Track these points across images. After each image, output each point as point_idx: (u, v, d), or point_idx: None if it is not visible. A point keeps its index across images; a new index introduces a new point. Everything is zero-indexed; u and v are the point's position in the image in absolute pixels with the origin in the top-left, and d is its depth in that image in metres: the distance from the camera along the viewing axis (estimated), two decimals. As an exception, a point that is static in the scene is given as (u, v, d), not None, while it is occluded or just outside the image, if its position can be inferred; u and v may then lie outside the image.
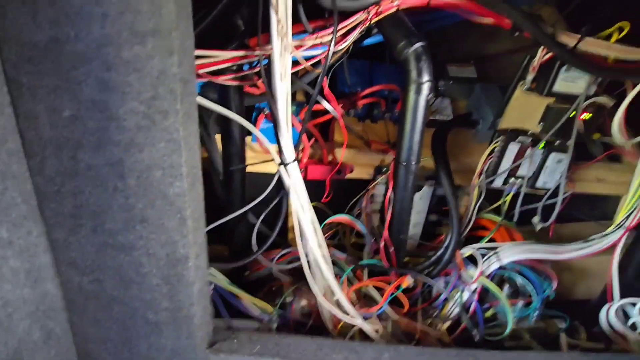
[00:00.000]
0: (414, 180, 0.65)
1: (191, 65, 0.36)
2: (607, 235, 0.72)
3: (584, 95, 0.69)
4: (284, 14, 0.47)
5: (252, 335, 0.54)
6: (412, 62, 0.57)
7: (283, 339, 0.56)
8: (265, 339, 0.54)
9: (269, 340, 0.55)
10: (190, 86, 0.36)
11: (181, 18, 0.33)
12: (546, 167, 0.80)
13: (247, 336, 0.52)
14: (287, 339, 0.55)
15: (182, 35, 0.33)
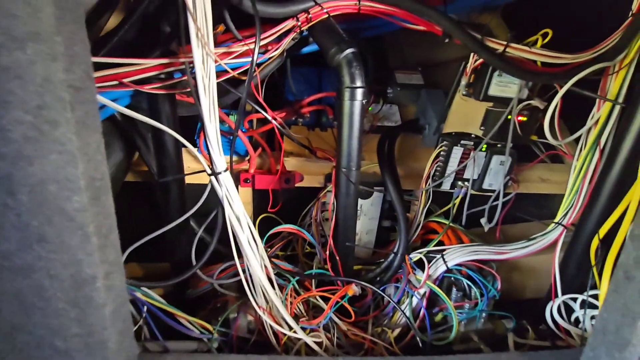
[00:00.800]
0: (355, 186, 0.64)
1: (86, 71, 0.34)
2: (547, 233, 0.74)
3: (516, 98, 0.71)
4: (203, 21, 0.46)
5: (187, 357, 0.51)
6: (344, 68, 0.57)
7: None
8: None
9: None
10: (86, 93, 0.34)
11: (65, 22, 0.31)
12: (490, 169, 0.82)
13: (179, 359, 0.49)
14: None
15: (69, 40, 0.32)
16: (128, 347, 0.44)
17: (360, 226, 0.86)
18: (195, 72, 0.48)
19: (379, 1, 0.59)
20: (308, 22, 0.57)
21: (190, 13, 0.45)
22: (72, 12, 0.32)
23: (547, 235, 0.74)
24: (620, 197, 0.62)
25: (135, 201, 0.75)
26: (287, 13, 0.55)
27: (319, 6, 0.57)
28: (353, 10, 0.60)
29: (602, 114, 0.71)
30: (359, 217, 0.85)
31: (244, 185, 0.77)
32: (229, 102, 0.69)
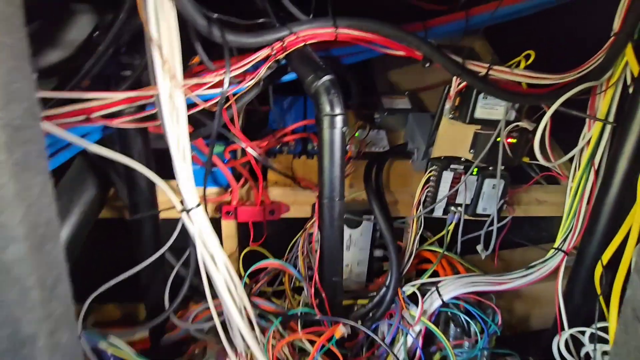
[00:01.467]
0: (339, 217, 0.61)
1: (28, 109, 0.31)
2: (547, 260, 0.70)
3: (503, 120, 0.69)
4: (170, 52, 0.45)
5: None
6: (322, 95, 0.55)
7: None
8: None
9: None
10: (28, 133, 0.32)
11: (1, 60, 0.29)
12: (483, 193, 0.79)
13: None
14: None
15: (6, 77, 0.29)
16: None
17: (350, 257, 0.82)
18: (163, 106, 0.45)
19: (357, 28, 0.58)
20: (284, 51, 0.56)
21: (156, 45, 0.43)
22: (10, 48, 0.29)
23: (547, 262, 0.70)
24: (621, 219, 0.58)
25: (112, 238, 0.72)
26: (260, 42, 0.54)
27: (294, 35, 0.56)
28: (330, 38, 0.58)
29: (593, 133, 0.68)
30: (348, 247, 0.81)
31: (226, 218, 0.73)
32: (207, 133, 0.67)
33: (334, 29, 0.57)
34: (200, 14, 0.46)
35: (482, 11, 0.75)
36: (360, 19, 0.58)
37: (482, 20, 0.76)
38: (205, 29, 0.47)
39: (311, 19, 0.58)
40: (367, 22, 0.58)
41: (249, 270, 0.69)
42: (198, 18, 0.46)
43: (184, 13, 0.45)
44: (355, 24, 0.58)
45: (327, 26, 0.57)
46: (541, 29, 0.95)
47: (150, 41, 0.43)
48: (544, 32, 0.97)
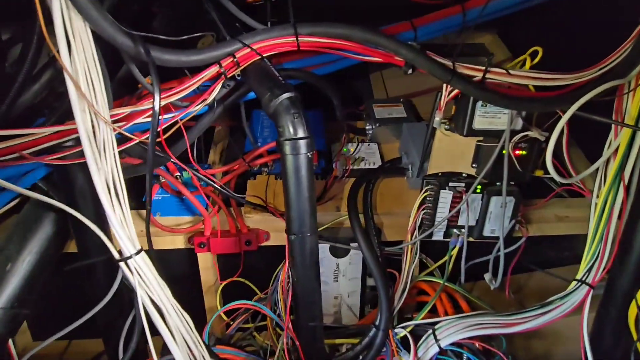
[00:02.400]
0: (312, 254, 0.52)
1: None
2: (569, 295, 0.59)
3: (508, 130, 0.59)
4: (87, 80, 0.38)
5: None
6: (281, 116, 0.47)
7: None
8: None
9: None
10: None
11: None
12: (490, 213, 0.68)
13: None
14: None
15: None
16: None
17: (339, 288, 0.73)
18: (83, 145, 0.39)
19: (322, 35, 0.50)
20: (236, 67, 0.48)
21: (69, 75, 0.37)
22: None
23: (569, 297, 0.59)
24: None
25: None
26: (206, 59, 0.47)
27: (247, 48, 0.48)
28: (291, 47, 0.50)
29: (621, 141, 0.56)
30: (336, 278, 0.72)
31: (199, 250, 0.67)
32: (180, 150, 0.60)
33: (294, 38, 0.49)
34: (120, 32, 0.39)
35: (482, 3, 0.64)
36: (325, 24, 0.49)
37: (485, 13, 0.65)
38: (129, 48, 0.40)
39: (267, 28, 0.50)
40: (332, 27, 0.49)
41: (220, 310, 0.62)
42: (118, 37, 0.39)
43: (101, 33, 0.38)
44: (319, 31, 0.49)
45: (286, 35, 0.49)
46: (556, 19, 0.83)
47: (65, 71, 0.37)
48: (558, 23, 0.85)
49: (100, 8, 0.37)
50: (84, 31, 0.37)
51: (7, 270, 0.55)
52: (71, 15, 0.36)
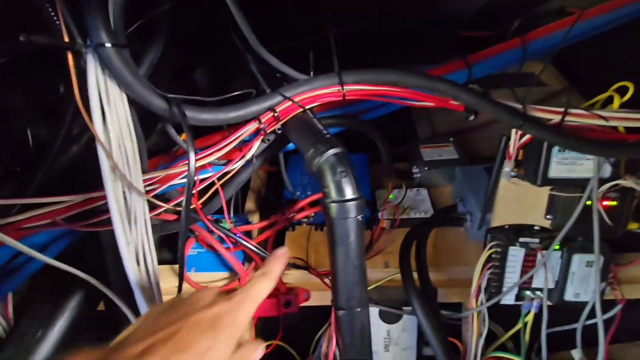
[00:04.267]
0: (362, 330, 0.45)
1: None
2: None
3: (595, 179, 0.49)
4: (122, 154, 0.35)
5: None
6: (326, 176, 0.41)
7: None
8: None
9: None
10: None
11: None
12: (573, 274, 0.57)
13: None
14: None
15: None
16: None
17: (391, 359, 0.64)
18: (112, 216, 0.36)
19: (369, 82, 0.45)
20: (277, 121, 0.44)
21: (102, 145, 0.34)
22: None
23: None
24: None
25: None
26: (246, 116, 0.43)
27: (289, 100, 0.44)
28: (336, 98, 0.46)
29: None
30: (387, 347, 0.63)
31: (235, 312, 0.61)
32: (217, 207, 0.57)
33: (339, 87, 0.45)
34: (155, 96, 0.37)
35: (545, 33, 0.57)
36: (372, 71, 0.45)
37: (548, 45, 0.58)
38: (164, 112, 0.37)
39: (310, 78, 0.46)
40: (380, 75, 0.44)
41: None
42: (153, 101, 0.36)
43: (135, 98, 0.36)
44: (366, 78, 0.44)
45: (330, 85, 0.45)
46: (622, 42, 0.73)
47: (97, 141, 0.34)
48: (626, 46, 0.75)
49: (136, 72, 0.35)
50: (119, 97, 0.35)
51: (39, 337, 0.53)
52: (107, 81, 0.34)
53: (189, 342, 0.27)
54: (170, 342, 0.27)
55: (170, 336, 0.27)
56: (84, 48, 0.33)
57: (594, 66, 0.73)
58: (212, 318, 0.29)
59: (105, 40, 0.31)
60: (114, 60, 0.32)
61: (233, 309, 0.30)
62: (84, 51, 0.33)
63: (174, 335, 0.27)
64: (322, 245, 0.65)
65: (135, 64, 0.37)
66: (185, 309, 0.30)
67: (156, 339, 0.27)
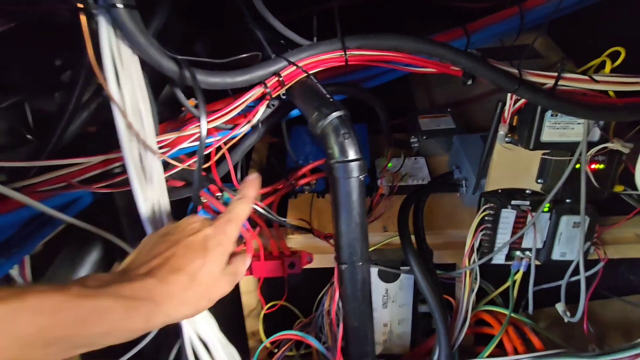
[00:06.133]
0: (364, 284, 0.48)
1: None
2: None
3: (584, 142, 0.51)
4: (135, 112, 0.37)
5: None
6: (331, 137, 0.43)
7: None
8: None
9: None
10: None
11: None
12: (560, 234, 0.61)
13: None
14: None
15: None
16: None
17: (389, 315, 0.68)
18: (130, 175, 0.38)
19: (372, 47, 0.46)
20: (281, 86, 0.46)
21: (117, 104, 0.36)
22: None
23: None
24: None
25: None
26: (252, 80, 0.45)
27: (293, 65, 0.45)
28: (339, 63, 0.47)
29: None
30: (385, 305, 0.67)
31: (241, 274, 0.64)
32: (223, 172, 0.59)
33: (342, 52, 0.46)
34: (167, 58, 0.38)
35: (543, 2, 0.58)
36: (374, 36, 0.46)
37: (545, 13, 0.59)
38: (174, 74, 0.39)
39: (314, 44, 0.47)
40: (382, 39, 0.46)
41: (266, 341, 0.59)
42: (164, 62, 0.38)
43: (147, 60, 0.37)
44: (368, 43, 0.46)
45: (333, 50, 0.46)
46: (613, 12, 0.74)
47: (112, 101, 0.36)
48: (620, 15, 0.75)
49: (147, 35, 0.36)
50: (132, 59, 0.36)
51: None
52: (119, 43, 0.35)
53: (184, 263, 0.31)
54: (167, 264, 0.31)
55: (167, 259, 0.31)
56: (95, 9, 0.34)
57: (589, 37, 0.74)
58: (201, 240, 0.33)
59: (117, 0, 0.32)
60: (126, 21, 0.34)
61: (219, 231, 0.34)
62: (95, 12, 0.34)
63: (170, 258, 0.31)
64: (324, 211, 0.68)
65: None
66: (177, 236, 0.33)
67: (155, 263, 0.31)
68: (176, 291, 0.30)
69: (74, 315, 0.26)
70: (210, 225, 0.35)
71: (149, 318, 0.29)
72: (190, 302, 0.31)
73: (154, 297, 0.29)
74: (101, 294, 0.27)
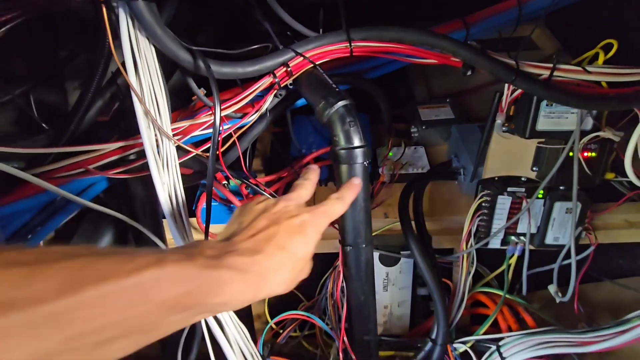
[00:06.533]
0: (367, 265, 0.51)
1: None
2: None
3: (578, 131, 0.54)
4: (151, 100, 0.39)
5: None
6: (336, 125, 0.46)
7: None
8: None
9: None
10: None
11: None
12: (553, 220, 0.64)
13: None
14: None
15: None
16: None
17: (389, 298, 0.71)
18: (148, 159, 0.40)
19: (375, 39, 0.48)
20: (289, 76, 0.48)
21: (135, 92, 0.38)
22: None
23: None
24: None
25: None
26: (261, 70, 0.46)
27: (300, 56, 0.47)
28: (344, 54, 0.49)
29: None
30: (385, 287, 0.70)
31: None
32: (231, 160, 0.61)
33: (347, 44, 0.48)
34: (182, 48, 0.40)
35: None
36: (378, 28, 0.48)
37: (544, 5, 0.61)
38: (189, 64, 0.41)
39: (320, 35, 0.49)
40: (386, 31, 0.48)
41: (273, 321, 0.62)
42: (180, 53, 0.39)
43: (163, 50, 0.39)
44: (373, 35, 0.48)
45: (338, 41, 0.48)
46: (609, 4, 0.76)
47: (131, 89, 0.37)
48: (612, 8, 0.77)
49: (163, 26, 0.37)
50: (148, 48, 0.38)
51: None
52: (137, 34, 0.37)
53: (287, 242, 0.32)
54: (273, 241, 0.31)
55: (271, 237, 0.31)
56: (115, 2, 0.36)
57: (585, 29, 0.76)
58: (299, 225, 0.33)
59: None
60: (144, 13, 0.35)
61: (315, 219, 0.35)
62: (115, 5, 0.36)
63: (274, 236, 0.32)
64: (325, 197, 0.70)
65: (158, 19, 0.39)
66: (277, 215, 0.33)
67: (261, 237, 0.31)
68: (279, 268, 0.31)
69: (203, 285, 0.26)
70: (307, 211, 0.35)
71: (257, 291, 0.29)
72: (288, 280, 0.32)
73: (262, 271, 0.29)
74: (222, 266, 0.28)
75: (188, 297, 0.26)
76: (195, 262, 0.27)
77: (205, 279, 0.27)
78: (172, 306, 0.25)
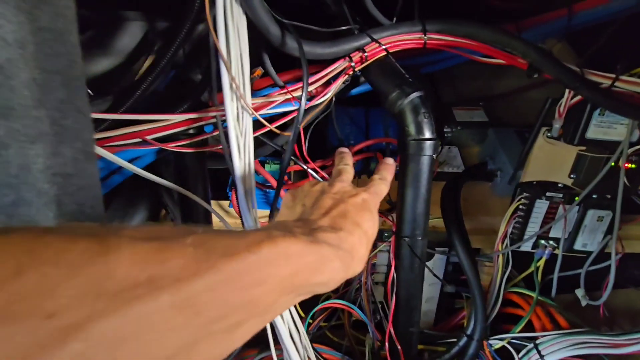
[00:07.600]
0: (422, 258, 0.51)
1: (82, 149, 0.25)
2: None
3: (627, 142, 0.56)
4: (239, 69, 0.37)
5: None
6: (408, 116, 0.45)
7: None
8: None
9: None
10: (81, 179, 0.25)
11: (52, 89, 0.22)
12: (584, 226, 0.66)
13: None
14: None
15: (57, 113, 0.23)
16: None
17: (419, 293, 0.72)
18: (229, 130, 0.38)
19: (450, 33, 0.48)
20: (363, 62, 0.47)
21: (224, 60, 0.36)
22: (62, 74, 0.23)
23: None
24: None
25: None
26: (338, 53, 0.46)
27: (376, 43, 0.47)
28: (417, 45, 0.49)
29: None
30: (417, 283, 0.71)
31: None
32: (266, 153, 0.60)
33: (421, 35, 0.48)
34: (273, 22, 0.38)
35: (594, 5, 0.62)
36: (454, 22, 0.48)
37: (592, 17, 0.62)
38: (278, 40, 0.39)
39: (395, 24, 0.49)
40: (461, 26, 0.48)
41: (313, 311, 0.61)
42: (272, 26, 0.38)
43: (256, 22, 0.37)
44: (448, 28, 0.48)
45: (414, 31, 0.48)
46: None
47: (220, 56, 0.36)
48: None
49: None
50: (241, 19, 0.37)
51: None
52: (232, 2, 0.36)
53: (360, 220, 0.31)
54: (347, 219, 0.30)
55: (344, 214, 0.31)
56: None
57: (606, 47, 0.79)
58: (361, 203, 0.33)
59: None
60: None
61: (372, 197, 0.35)
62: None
63: (347, 213, 0.31)
64: (361, 190, 0.70)
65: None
66: (338, 195, 0.33)
67: (334, 215, 0.30)
68: (360, 244, 0.30)
69: (310, 262, 0.25)
70: (364, 191, 0.35)
71: (347, 269, 0.28)
72: (364, 258, 0.31)
73: (349, 248, 0.28)
74: (320, 241, 0.26)
75: (298, 275, 0.24)
76: (299, 239, 0.25)
77: (312, 255, 0.25)
78: (285, 286, 0.23)
